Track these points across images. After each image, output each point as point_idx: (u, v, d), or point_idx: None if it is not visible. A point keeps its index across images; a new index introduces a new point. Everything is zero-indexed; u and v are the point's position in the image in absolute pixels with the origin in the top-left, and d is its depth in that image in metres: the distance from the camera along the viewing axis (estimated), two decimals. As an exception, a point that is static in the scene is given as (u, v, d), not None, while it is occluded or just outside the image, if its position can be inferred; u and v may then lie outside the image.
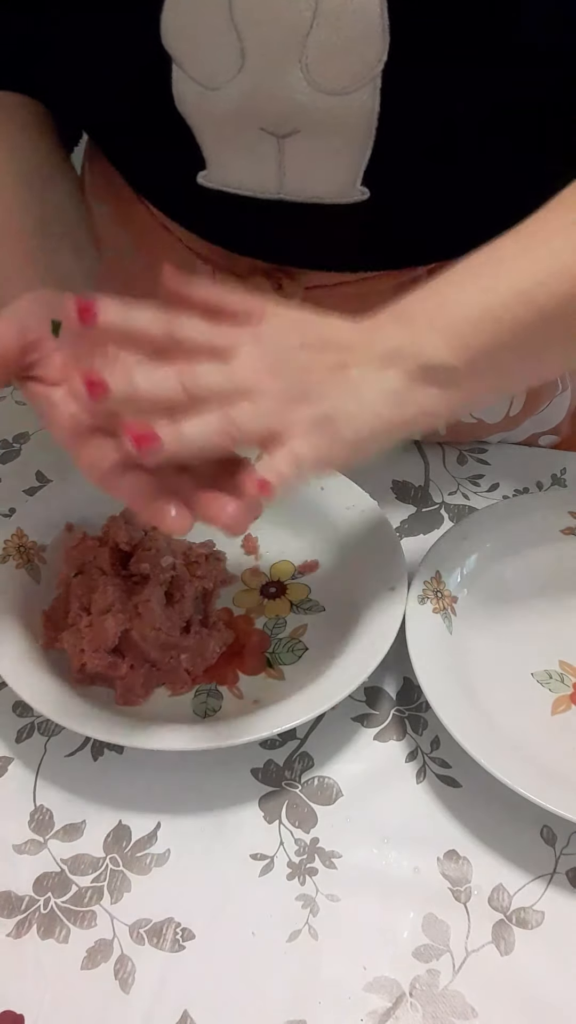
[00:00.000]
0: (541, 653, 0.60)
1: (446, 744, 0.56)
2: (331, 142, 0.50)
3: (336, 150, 0.50)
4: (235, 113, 0.50)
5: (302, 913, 0.50)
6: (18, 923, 0.50)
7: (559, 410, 0.76)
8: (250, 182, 0.53)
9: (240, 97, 0.49)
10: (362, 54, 0.46)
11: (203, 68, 0.48)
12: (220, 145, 0.52)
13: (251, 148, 0.51)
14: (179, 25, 0.47)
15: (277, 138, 0.50)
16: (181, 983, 0.47)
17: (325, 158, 0.51)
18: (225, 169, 0.53)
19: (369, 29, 0.45)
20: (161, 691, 0.59)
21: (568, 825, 0.53)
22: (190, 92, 0.49)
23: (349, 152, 0.50)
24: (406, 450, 0.76)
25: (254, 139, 0.51)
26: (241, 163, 0.53)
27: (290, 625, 0.63)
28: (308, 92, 0.48)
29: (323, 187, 0.52)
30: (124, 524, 0.64)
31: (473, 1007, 0.46)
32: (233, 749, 0.53)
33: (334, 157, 0.51)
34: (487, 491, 0.73)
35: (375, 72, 0.46)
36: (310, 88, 0.48)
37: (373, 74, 0.46)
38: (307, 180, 0.52)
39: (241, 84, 0.48)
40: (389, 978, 0.47)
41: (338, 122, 0.49)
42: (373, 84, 0.47)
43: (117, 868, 0.52)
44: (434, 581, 0.61)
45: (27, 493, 0.72)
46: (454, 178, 0.53)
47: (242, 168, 0.53)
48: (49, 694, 0.55)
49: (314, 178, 0.52)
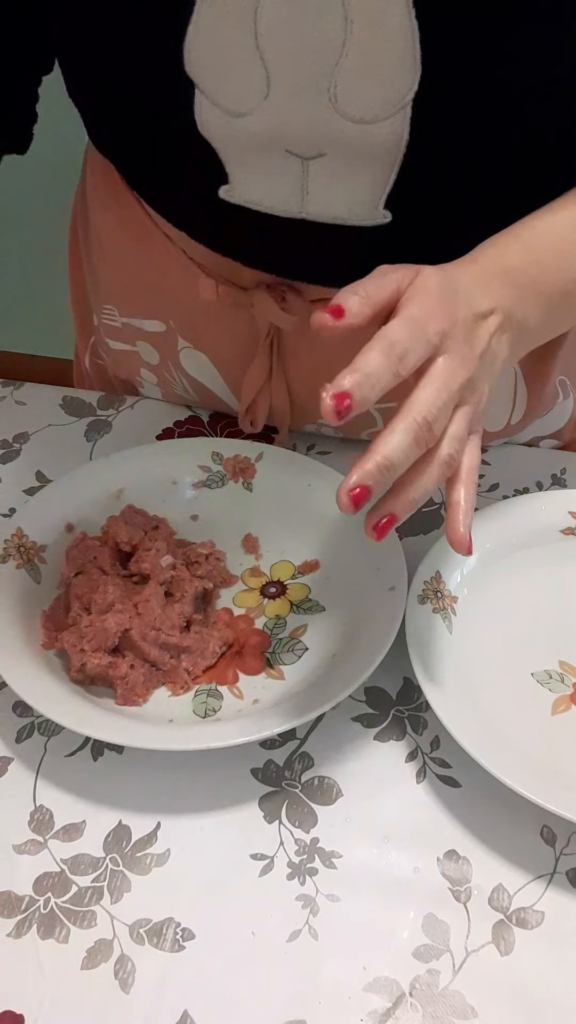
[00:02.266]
0: (541, 653, 0.60)
1: (446, 744, 0.56)
2: (357, 166, 0.50)
3: (361, 174, 0.50)
4: (260, 137, 0.49)
5: (302, 913, 0.50)
6: (18, 923, 0.50)
7: (561, 416, 0.76)
8: (272, 200, 0.53)
9: (265, 124, 0.48)
10: (393, 84, 0.45)
11: (227, 95, 0.48)
12: (243, 165, 0.52)
13: (275, 168, 0.51)
14: (203, 53, 0.46)
15: (302, 160, 0.50)
16: (181, 983, 0.47)
17: (349, 181, 0.51)
18: (247, 186, 0.53)
19: (401, 59, 0.44)
20: (161, 691, 0.59)
21: (568, 825, 0.53)
22: (214, 118, 0.49)
23: (374, 176, 0.50)
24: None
25: (279, 160, 0.51)
26: (264, 182, 0.52)
27: (290, 625, 0.63)
28: (336, 120, 0.47)
29: (345, 209, 0.52)
30: (124, 524, 0.64)
31: (473, 1007, 0.46)
32: (233, 749, 0.53)
33: (359, 180, 0.51)
34: (487, 491, 0.73)
35: (406, 101, 0.46)
36: (338, 116, 0.47)
37: (404, 103, 0.46)
38: (330, 201, 0.52)
39: (266, 111, 0.48)
40: (389, 978, 0.47)
41: (365, 148, 0.49)
42: (403, 113, 0.46)
43: (117, 868, 0.52)
44: (434, 581, 0.61)
45: (27, 493, 0.72)
46: (477, 203, 0.52)
47: (265, 186, 0.53)
48: (49, 694, 0.55)
49: (337, 200, 0.52)
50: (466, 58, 0.45)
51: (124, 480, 0.67)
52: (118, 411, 0.80)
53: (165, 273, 0.67)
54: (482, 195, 0.52)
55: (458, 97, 0.46)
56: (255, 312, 0.64)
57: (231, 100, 0.48)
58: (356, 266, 0.58)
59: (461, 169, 0.50)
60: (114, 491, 0.67)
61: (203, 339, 0.71)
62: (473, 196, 0.52)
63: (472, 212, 0.53)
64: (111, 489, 0.67)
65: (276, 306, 0.62)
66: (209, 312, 0.67)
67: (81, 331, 0.85)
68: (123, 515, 0.65)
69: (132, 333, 0.74)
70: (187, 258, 0.65)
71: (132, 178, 0.64)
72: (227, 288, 0.64)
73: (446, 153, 0.49)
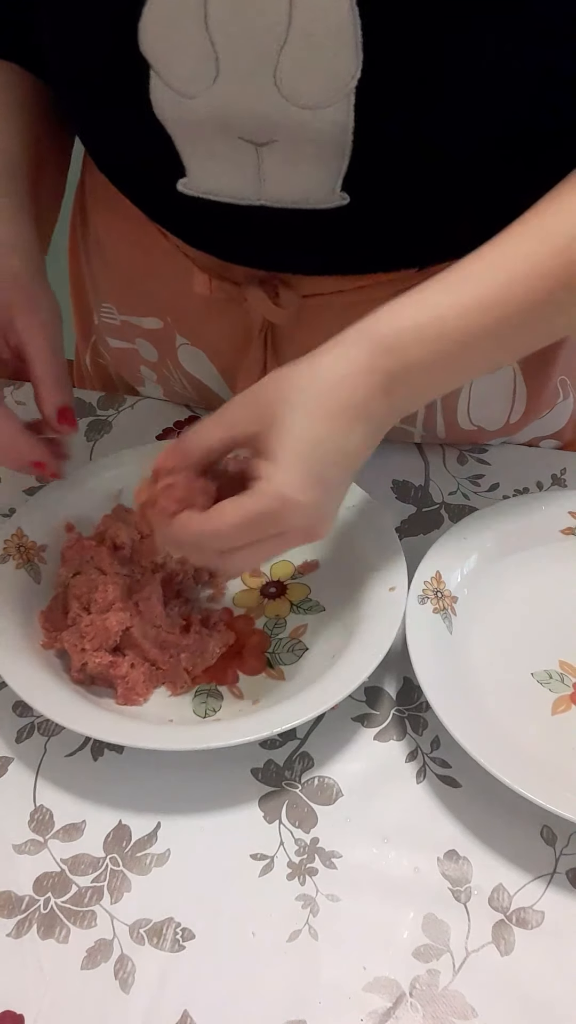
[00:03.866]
0: (541, 653, 0.60)
1: (446, 744, 0.56)
2: (308, 151, 0.50)
3: (314, 158, 0.50)
4: (211, 121, 0.50)
5: (302, 913, 0.50)
6: (18, 923, 0.50)
7: (561, 417, 0.76)
8: (229, 189, 0.54)
9: (215, 107, 0.49)
10: (336, 71, 0.46)
11: (179, 76, 0.48)
12: (198, 152, 0.52)
13: (229, 155, 0.52)
14: (156, 32, 0.47)
15: (255, 146, 0.51)
16: (181, 983, 0.47)
17: (303, 166, 0.51)
18: (204, 176, 0.54)
19: (343, 46, 0.45)
20: (161, 691, 0.59)
21: (568, 825, 0.53)
22: (167, 99, 0.50)
23: (326, 160, 0.51)
24: (406, 450, 0.76)
25: (232, 147, 0.51)
26: (220, 170, 0.53)
27: (290, 625, 0.63)
28: (282, 105, 0.48)
29: (302, 193, 0.53)
30: (122, 523, 0.64)
31: (473, 1007, 0.46)
32: (233, 749, 0.53)
33: (312, 165, 0.51)
34: (487, 491, 0.73)
35: (349, 88, 0.46)
36: (284, 101, 0.48)
37: (347, 90, 0.46)
38: (286, 186, 0.53)
39: (216, 94, 0.48)
40: (389, 978, 0.47)
41: (313, 134, 0.49)
42: (347, 100, 0.47)
43: (117, 868, 0.52)
44: (434, 581, 0.61)
45: (27, 493, 0.72)
46: (433, 184, 0.53)
47: (221, 175, 0.53)
48: (49, 694, 0.55)
49: (293, 185, 0.52)
50: (409, 46, 0.45)
51: (124, 480, 0.67)
52: (118, 411, 0.80)
53: (161, 269, 0.68)
54: (437, 178, 0.52)
55: (401, 85, 0.47)
56: (248, 307, 0.64)
57: (182, 81, 0.48)
58: (326, 248, 0.59)
59: (411, 155, 0.50)
60: (114, 491, 0.67)
61: (199, 335, 0.71)
62: (428, 179, 0.52)
63: (431, 192, 0.53)
64: (111, 489, 0.67)
65: (269, 301, 0.62)
66: (204, 308, 0.67)
67: (81, 331, 0.85)
68: (115, 513, 0.65)
69: (131, 331, 0.74)
70: (181, 253, 0.66)
71: (109, 175, 0.64)
72: (220, 283, 0.64)
73: (394, 139, 0.49)
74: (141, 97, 0.50)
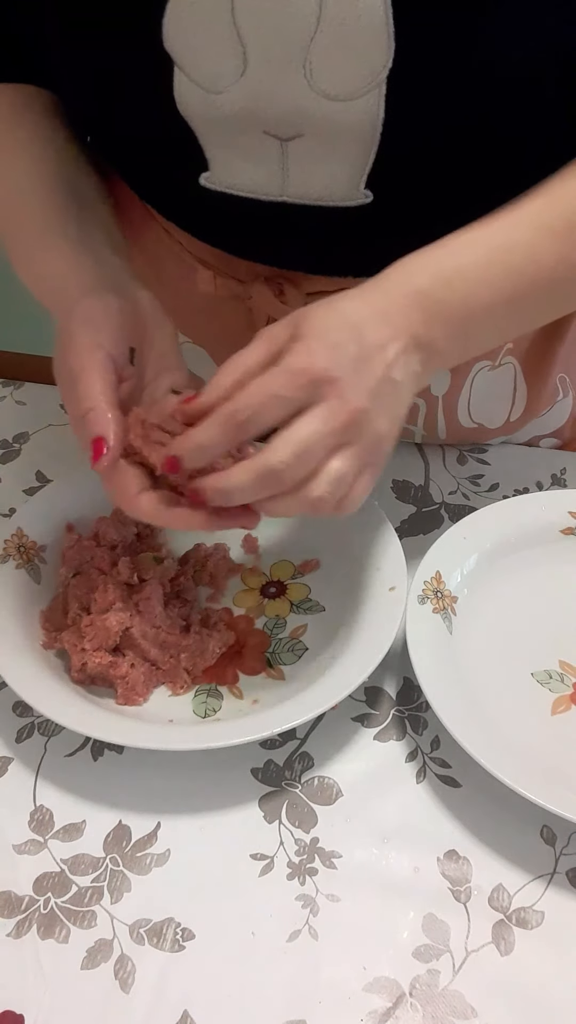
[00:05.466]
0: (541, 653, 0.60)
1: (446, 744, 0.56)
2: (335, 146, 0.50)
3: (340, 154, 0.50)
4: (237, 117, 0.49)
5: (302, 913, 0.50)
6: (18, 923, 0.50)
7: (561, 415, 0.76)
8: (253, 184, 0.53)
9: (242, 101, 0.49)
10: (367, 60, 0.45)
11: (205, 72, 0.48)
12: (222, 147, 0.52)
13: (254, 150, 0.51)
14: (181, 28, 0.47)
15: (280, 141, 0.50)
16: (181, 983, 0.47)
17: (329, 161, 0.51)
18: (228, 171, 0.53)
19: (375, 36, 0.44)
20: (161, 691, 0.59)
21: (568, 825, 0.53)
22: (192, 95, 0.49)
23: (353, 156, 0.50)
24: (406, 450, 0.76)
25: (257, 142, 0.51)
26: (244, 165, 0.52)
27: (290, 625, 0.63)
28: (311, 97, 0.47)
29: (326, 190, 0.52)
30: (112, 526, 0.64)
31: (473, 1007, 0.46)
32: (233, 749, 0.53)
33: (338, 160, 0.51)
34: (487, 491, 0.73)
35: (380, 78, 0.46)
36: (313, 93, 0.47)
37: (378, 80, 0.46)
38: (310, 182, 0.52)
39: (243, 88, 0.48)
40: (389, 978, 0.47)
41: (342, 127, 0.49)
42: (378, 90, 0.46)
43: (117, 868, 0.52)
44: (434, 581, 0.61)
45: (27, 493, 0.72)
46: (457, 182, 0.52)
47: (245, 170, 0.53)
48: (49, 694, 0.55)
49: (317, 181, 0.52)
50: (441, 36, 0.45)
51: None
52: (118, 411, 0.80)
53: (163, 267, 0.67)
54: (464, 175, 0.52)
55: (433, 75, 0.46)
56: (253, 305, 0.64)
57: (208, 77, 0.48)
58: (342, 249, 0.58)
59: (440, 149, 0.50)
60: (114, 491, 0.67)
61: (202, 334, 0.71)
62: (455, 176, 0.52)
63: (455, 192, 0.53)
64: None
65: (274, 299, 0.62)
66: (207, 306, 0.67)
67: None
68: (114, 515, 0.65)
69: None
70: (185, 251, 0.65)
71: (121, 170, 0.64)
72: (225, 280, 0.64)
73: (424, 132, 0.49)
74: (166, 94, 0.49)
